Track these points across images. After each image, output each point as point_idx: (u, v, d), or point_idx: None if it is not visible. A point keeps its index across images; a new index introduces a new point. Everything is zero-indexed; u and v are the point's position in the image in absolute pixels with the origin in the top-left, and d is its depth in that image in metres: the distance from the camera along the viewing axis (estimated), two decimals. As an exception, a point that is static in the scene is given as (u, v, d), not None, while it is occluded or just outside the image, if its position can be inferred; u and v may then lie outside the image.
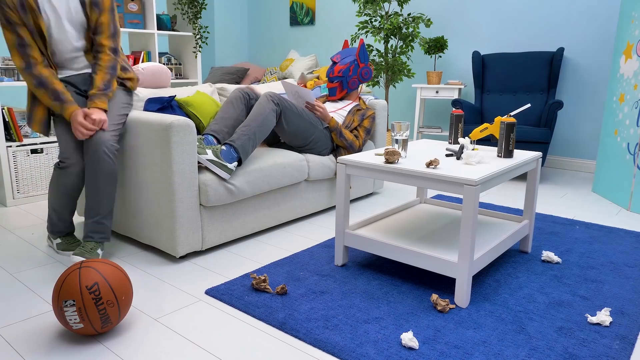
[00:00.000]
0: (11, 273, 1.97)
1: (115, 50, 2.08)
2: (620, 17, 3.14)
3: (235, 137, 2.19)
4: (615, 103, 3.13)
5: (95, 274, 1.44)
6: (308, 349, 1.46)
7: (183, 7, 4.28)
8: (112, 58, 2.06)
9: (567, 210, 2.91)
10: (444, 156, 2.00)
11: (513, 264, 2.08)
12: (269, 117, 2.30)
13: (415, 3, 4.77)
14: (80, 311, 1.40)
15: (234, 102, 2.43)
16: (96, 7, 2.01)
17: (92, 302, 1.41)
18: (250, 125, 2.24)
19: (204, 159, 2.06)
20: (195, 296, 1.78)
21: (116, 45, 2.08)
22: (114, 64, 2.06)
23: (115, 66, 2.07)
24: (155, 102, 2.34)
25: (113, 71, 2.05)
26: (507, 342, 1.48)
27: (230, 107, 2.41)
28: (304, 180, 2.57)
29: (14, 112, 2.86)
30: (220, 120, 2.34)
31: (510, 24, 4.23)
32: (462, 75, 4.59)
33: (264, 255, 2.17)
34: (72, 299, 1.40)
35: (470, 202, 1.61)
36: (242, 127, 2.23)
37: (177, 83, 4.66)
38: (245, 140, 2.19)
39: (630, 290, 1.84)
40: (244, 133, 2.20)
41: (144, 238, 2.18)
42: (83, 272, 1.44)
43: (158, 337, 1.51)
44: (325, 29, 5.48)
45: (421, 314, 1.65)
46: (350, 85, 2.91)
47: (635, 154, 2.87)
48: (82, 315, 1.41)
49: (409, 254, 1.80)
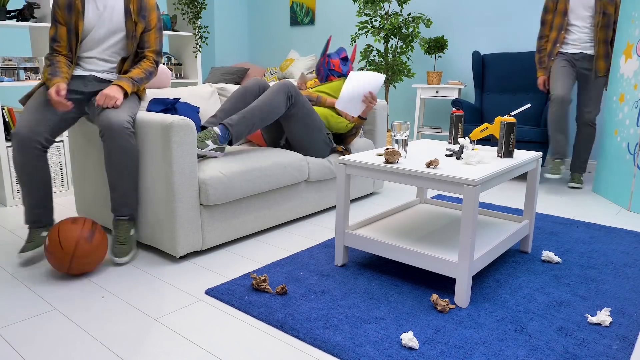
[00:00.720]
0: (11, 273, 1.97)
1: (157, 64, 2.24)
2: (620, 17, 3.14)
3: (234, 121, 2.21)
4: (615, 103, 3.13)
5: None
6: (308, 349, 1.46)
7: (183, 7, 4.28)
8: (153, 67, 2.22)
9: (567, 210, 2.91)
10: (444, 156, 2.00)
11: (513, 264, 2.08)
12: (275, 111, 2.31)
13: (415, 3, 4.77)
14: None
15: (247, 95, 2.43)
16: (143, 19, 2.16)
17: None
18: (254, 114, 2.25)
19: (208, 150, 2.14)
20: (195, 296, 1.78)
21: (159, 61, 2.25)
22: (152, 71, 2.21)
23: (152, 74, 2.22)
24: (159, 103, 2.34)
25: (149, 75, 2.20)
26: (507, 342, 1.48)
27: (241, 100, 2.41)
28: (304, 181, 2.57)
29: (14, 112, 2.86)
30: (224, 113, 2.36)
31: (510, 24, 4.23)
32: (462, 75, 4.59)
33: (264, 255, 2.17)
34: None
35: (470, 202, 1.61)
36: (246, 113, 2.24)
37: (177, 83, 4.66)
38: (243, 128, 2.23)
39: (630, 290, 1.84)
40: (245, 120, 2.23)
41: (144, 238, 2.18)
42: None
43: (158, 337, 1.51)
44: (325, 29, 5.48)
45: (421, 314, 1.65)
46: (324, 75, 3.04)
47: (635, 154, 2.87)
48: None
49: (409, 254, 1.80)
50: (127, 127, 1.98)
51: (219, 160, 2.20)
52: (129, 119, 2.02)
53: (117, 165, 2.00)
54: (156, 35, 2.22)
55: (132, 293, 1.80)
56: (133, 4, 2.14)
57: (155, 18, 2.21)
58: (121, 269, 2.01)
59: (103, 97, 2.00)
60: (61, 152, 3.02)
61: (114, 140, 1.96)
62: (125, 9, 2.14)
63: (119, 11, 2.14)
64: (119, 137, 1.96)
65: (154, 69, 2.22)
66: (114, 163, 2.00)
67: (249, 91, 2.44)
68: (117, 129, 1.95)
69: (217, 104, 2.80)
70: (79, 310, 1.67)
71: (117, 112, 2.00)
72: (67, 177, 3.09)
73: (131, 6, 2.14)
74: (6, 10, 2.97)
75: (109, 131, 1.95)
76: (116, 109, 2.01)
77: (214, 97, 2.80)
